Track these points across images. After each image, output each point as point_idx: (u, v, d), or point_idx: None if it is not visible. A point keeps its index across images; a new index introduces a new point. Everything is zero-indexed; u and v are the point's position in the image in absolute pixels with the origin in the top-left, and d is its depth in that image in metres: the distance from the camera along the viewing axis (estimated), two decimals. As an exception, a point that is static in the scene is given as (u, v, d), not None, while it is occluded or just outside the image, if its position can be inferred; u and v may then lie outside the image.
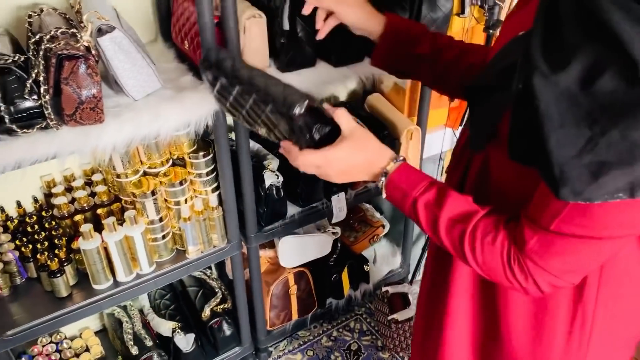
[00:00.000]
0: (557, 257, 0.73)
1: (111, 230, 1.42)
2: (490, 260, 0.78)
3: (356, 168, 0.88)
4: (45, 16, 1.23)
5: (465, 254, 0.80)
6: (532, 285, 0.76)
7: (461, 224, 0.80)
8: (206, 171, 1.53)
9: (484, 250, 0.78)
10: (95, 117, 1.17)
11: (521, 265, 0.76)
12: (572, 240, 0.70)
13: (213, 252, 1.62)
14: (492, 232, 0.78)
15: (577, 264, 0.74)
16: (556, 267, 0.74)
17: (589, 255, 0.73)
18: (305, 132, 0.86)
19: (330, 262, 1.98)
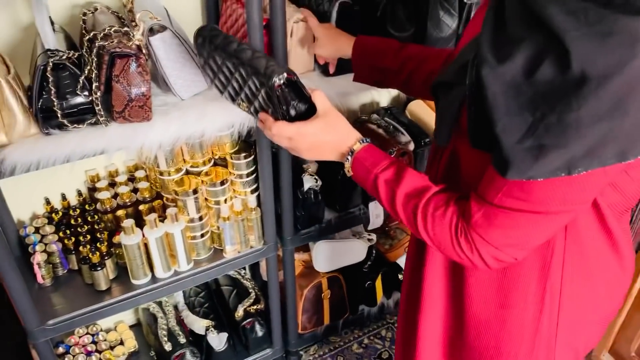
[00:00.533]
0: (499, 230, 0.76)
1: (152, 226, 1.44)
2: (439, 232, 0.83)
3: (325, 145, 0.94)
4: (99, 14, 1.26)
5: (418, 227, 0.85)
6: (477, 257, 0.80)
7: (415, 199, 0.85)
8: (246, 172, 1.54)
9: (435, 223, 0.83)
10: (144, 115, 1.19)
11: (467, 238, 0.79)
12: (513, 214, 0.74)
13: (250, 253, 1.62)
14: (443, 206, 0.82)
15: (518, 238, 0.77)
16: (499, 240, 0.77)
17: (528, 229, 0.76)
18: (282, 104, 0.91)
19: (365, 268, 1.97)
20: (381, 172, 0.89)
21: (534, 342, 0.93)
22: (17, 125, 1.13)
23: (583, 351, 1.01)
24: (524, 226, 0.75)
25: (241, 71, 0.94)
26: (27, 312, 1.33)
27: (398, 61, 1.17)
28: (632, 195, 0.82)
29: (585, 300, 0.92)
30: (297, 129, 0.92)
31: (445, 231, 0.82)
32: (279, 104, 0.91)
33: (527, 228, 0.75)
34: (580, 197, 0.71)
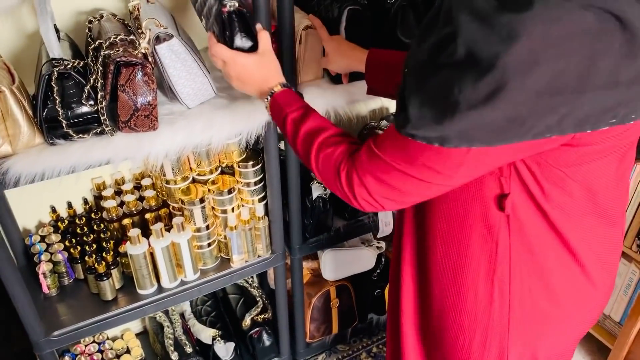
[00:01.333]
0: (374, 177, 0.82)
1: (158, 236, 1.42)
2: (325, 166, 0.90)
3: (252, 79, 1.06)
4: (104, 22, 1.24)
5: (311, 162, 0.93)
6: (351, 196, 0.86)
7: (313, 136, 0.93)
8: (254, 180, 1.51)
9: (324, 159, 0.90)
10: (149, 124, 1.17)
11: (347, 175, 0.86)
12: (388, 167, 0.79)
13: (257, 262, 1.60)
14: (334, 145, 0.90)
15: (389, 191, 0.82)
16: (372, 185, 0.83)
17: (399, 185, 0.80)
18: (227, 29, 1.04)
19: (374, 276, 1.94)
20: (291, 112, 0.98)
21: (486, 333, 0.95)
22: (22, 135, 1.11)
23: (544, 357, 0.99)
24: (396, 181, 0.80)
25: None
26: (33, 324, 1.31)
27: None
28: (580, 199, 0.84)
29: (540, 303, 0.93)
30: (232, 55, 1.05)
31: (330, 166, 0.89)
32: (223, 29, 1.04)
33: (398, 184, 0.80)
34: (452, 172, 0.76)
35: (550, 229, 0.87)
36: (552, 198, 0.83)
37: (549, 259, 0.91)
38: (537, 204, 0.84)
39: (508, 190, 0.83)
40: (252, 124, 1.29)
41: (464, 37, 0.64)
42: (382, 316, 2.04)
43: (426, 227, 0.99)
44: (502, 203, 0.85)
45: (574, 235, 0.87)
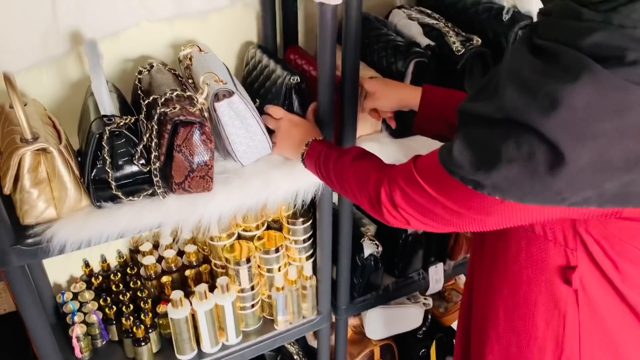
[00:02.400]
0: (403, 191, 0.83)
1: (202, 298, 1.32)
2: (357, 174, 0.93)
3: (297, 135, 1.12)
4: (155, 73, 1.16)
5: (344, 172, 0.96)
6: (377, 205, 0.88)
7: (348, 152, 0.98)
8: (303, 237, 1.41)
9: (356, 167, 0.94)
10: (204, 185, 1.08)
11: (376, 183, 0.88)
12: (420, 187, 0.80)
13: (302, 324, 1.49)
14: (369, 158, 0.97)
15: (415, 207, 0.82)
16: (399, 198, 0.83)
17: (426, 204, 0.80)
18: (286, 100, 1.20)
19: (419, 334, 1.83)
20: (329, 150, 1.04)
21: None
22: (68, 198, 1.01)
23: None
24: (425, 202, 0.80)
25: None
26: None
27: None
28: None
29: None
30: (286, 113, 1.17)
31: (361, 173, 0.92)
32: (283, 98, 1.20)
33: (427, 204, 0.80)
34: (482, 215, 0.75)
35: (627, 309, 0.81)
36: (628, 276, 0.77)
37: (627, 342, 0.84)
38: (610, 281, 0.79)
39: (575, 263, 0.79)
40: (309, 182, 1.20)
41: (508, 100, 0.66)
42: (425, 376, 1.91)
43: (489, 298, 0.95)
44: (568, 276, 0.81)
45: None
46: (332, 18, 1.04)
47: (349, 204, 1.35)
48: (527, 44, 0.71)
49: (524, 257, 0.85)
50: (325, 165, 1.02)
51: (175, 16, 1.25)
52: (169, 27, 1.28)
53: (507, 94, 0.67)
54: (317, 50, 1.09)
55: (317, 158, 1.05)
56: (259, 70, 1.28)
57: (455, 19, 1.36)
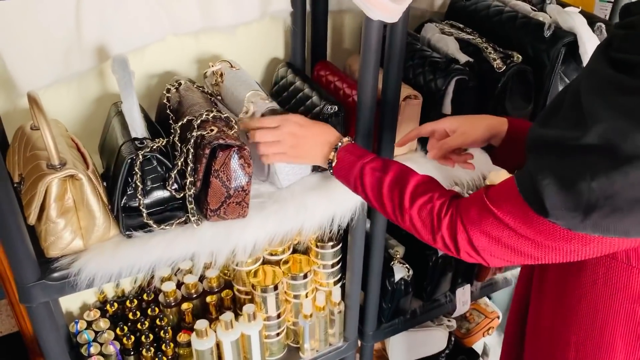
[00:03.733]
0: (483, 232, 0.76)
1: (227, 327, 1.24)
2: (421, 217, 0.84)
3: (310, 137, 0.99)
4: (184, 91, 1.09)
5: (404, 213, 0.86)
6: (454, 249, 0.81)
7: (402, 185, 0.87)
8: (332, 262, 1.35)
9: (419, 209, 0.84)
10: (240, 212, 1.01)
11: (451, 228, 0.80)
12: (501, 225, 0.74)
13: (329, 352, 1.42)
14: (428, 193, 0.84)
15: (503, 253, 0.77)
16: (479, 240, 0.77)
17: (510, 243, 0.75)
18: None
19: (442, 357, 1.77)
20: (368, 162, 0.92)
21: None
22: (96, 228, 0.94)
23: None
24: (508, 240, 0.75)
25: None
26: None
27: None
28: None
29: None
30: (283, 116, 1.01)
31: (426, 216, 0.83)
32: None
33: (510, 242, 0.75)
34: (575, 251, 0.71)
35: None
36: None
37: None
38: None
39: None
40: (346, 206, 1.14)
41: (601, 126, 0.62)
42: (447, 400, 1.85)
43: (556, 328, 0.89)
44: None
45: None
46: (377, 36, 0.98)
47: (382, 228, 1.28)
48: (604, 59, 0.66)
49: (601, 284, 0.80)
50: (373, 186, 0.91)
51: (201, 30, 1.18)
52: (194, 42, 1.21)
53: (600, 116, 0.62)
54: (359, 69, 1.03)
55: (349, 170, 0.94)
56: (290, 92, 1.21)
57: (490, 34, 1.31)
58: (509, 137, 1.01)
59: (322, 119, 1.10)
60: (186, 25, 1.16)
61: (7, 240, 0.85)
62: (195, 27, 1.16)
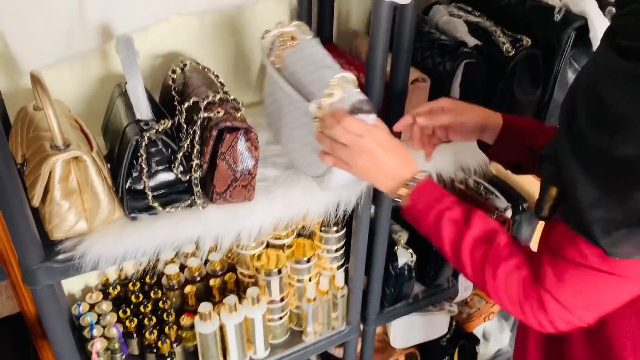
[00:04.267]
0: (571, 289, 0.72)
1: (231, 310, 1.24)
2: (509, 286, 0.78)
3: (388, 161, 0.88)
4: (190, 73, 1.07)
5: (485, 277, 0.80)
6: (544, 318, 0.75)
7: (486, 245, 0.80)
8: (337, 247, 1.34)
9: (507, 276, 0.78)
10: (246, 195, 1.00)
11: (536, 297, 0.75)
12: (587, 272, 0.70)
13: (331, 336, 1.42)
14: (516, 257, 0.78)
15: (592, 298, 0.73)
16: (570, 299, 0.73)
17: (604, 289, 0.71)
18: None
19: (442, 342, 1.77)
20: (446, 209, 0.83)
21: None
22: (101, 210, 0.93)
23: None
24: (599, 286, 0.71)
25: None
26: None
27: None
28: None
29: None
30: (371, 128, 0.88)
31: (514, 286, 0.77)
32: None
33: (603, 288, 0.71)
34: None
35: None
36: None
37: None
38: None
39: None
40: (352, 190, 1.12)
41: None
42: (447, 383, 1.86)
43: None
44: None
45: None
46: (388, 18, 0.96)
47: (387, 213, 1.27)
48: (612, 49, 0.65)
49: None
50: (451, 238, 0.84)
51: (206, 10, 1.16)
52: (199, 22, 1.19)
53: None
54: (367, 52, 1.01)
55: (422, 216, 0.86)
56: None
57: (498, 17, 1.28)
58: (504, 133, 1.00)
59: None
60: (190, 4, 1.13)
61: (11, 222, 0.84)
62: (200, 6, 1.14)
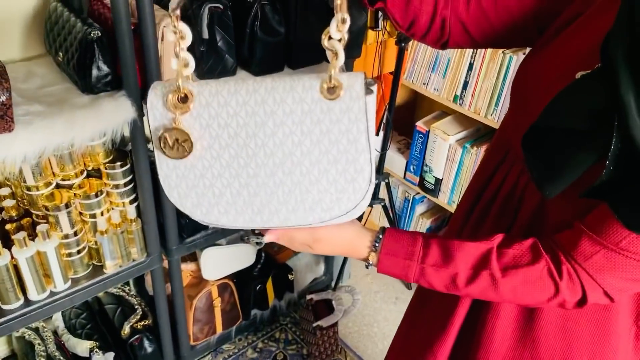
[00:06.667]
0: (618, 275, 0.71)
1: (22, 245, 1.35)
2: (534, 280, 0.75)
3: (340, 243, 0.82)
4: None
5: (502, 290, 0.77)
6: (579, 297, 0.74)
7: (484, 269, 0.77)
8: (123, 182, 1.49)
9: (526, 274, 0.75)
10: (4, 126, 1.12)
11: (572, 277, 0.73)
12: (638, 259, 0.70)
13: (132, 267, 1.57)
14: (526, 254, 0.76)
15: (636, 284, 0.73)
16: (613, 284, 0.72)
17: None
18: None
19: (254, 272, 1.98)
20: (424, 260, 0.79)
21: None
22: None
23: None
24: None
25: None
26: None
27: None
28: None
29: None
30: (311, 234, 0.81)
31: (542, 277, 0.74)
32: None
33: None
34: None
35: None
36: None
37: None
38: None
39: None
40: (116, 122, 1.27)
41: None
42: (265, 311, 2.08)
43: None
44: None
45: None
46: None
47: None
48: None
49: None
50: (441, 288, 0.81)
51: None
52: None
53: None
54: (108, -6, 1.17)
55: (401, 274, 0.81)
56: (60, 25, 1.32)
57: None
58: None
59: (87, 44, 1.23)
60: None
61: None
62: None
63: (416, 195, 2.42)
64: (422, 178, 2.28)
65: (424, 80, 2.14)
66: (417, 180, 2.31)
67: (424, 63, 2.13)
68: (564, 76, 0.74)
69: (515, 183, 0.87)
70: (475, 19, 0.88)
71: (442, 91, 2.09)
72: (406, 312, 1.21)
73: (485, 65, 1.93)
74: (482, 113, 1.98)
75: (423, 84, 2.15)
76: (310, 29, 1.49)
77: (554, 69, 0.78)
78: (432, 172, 2.22)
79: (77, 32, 1.26)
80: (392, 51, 2.03)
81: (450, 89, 2.06)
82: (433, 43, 0.94)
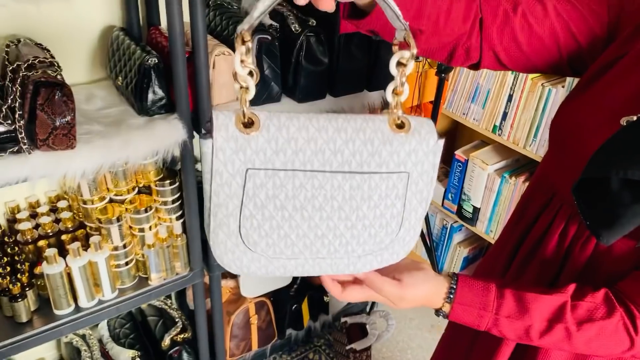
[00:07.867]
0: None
1: (75, 255, 1.44)
2: (611, 334, 0.76)
3: (418, 297, 0.81)
4: (22, 47, 1.29)
5: (577, 343, 0.77)
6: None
7: (559, 322, 0.77)
8: (172, 199, 1.58)
9: (602, 328, 0.75)
10: (67, 143, 1.22)
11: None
12: None
13: (175, 280, 1.65)
14: (601, 307, 0.76)
15: None
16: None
17: None
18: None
19: (291, 292, 2.03)
20: (498, 311, 0.79)
21: None
22: None
23: None
24: None
25: None
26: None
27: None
28: None
29: None
30: (400, 293, 0.79)
31: (617, 331, 0.75)
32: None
33: None
34: None
35: None
36: None
37: None
38: None
39: None
40: (168, 142, 1.37)
41: None
42: (299, 331, 2.12)
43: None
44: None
45: None
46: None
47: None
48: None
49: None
50: (515, 339, 0.82)
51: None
52: (36, 9, 1.41)
53: None
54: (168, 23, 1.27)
55: (474, 323, 0.81)
56: (122, 53, 1.44)
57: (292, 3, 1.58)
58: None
59: (144, 70, 1.33)
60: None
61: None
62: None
63: (454, 224, 2.43)
64: (460, 206, 2.30)
65: (464, 110, 2.18)
66: (455, 208, 2.33)
67: (464, 93, 2.17)
68: (608, 122, 0.75)
69: (564, 230, 0.86)
70: (508, 50, 0.88)
71: (481, 121, 2.12)
72: (441, 341, 1.22)
73: (525, 97, 1.96)
74: (521, 144, 2.00)
75: (463, 113, 2.19)
76: (353, 59, 1.56)
77: (597, 114, 0.79)
78: (470, 200, 2.24)
79: (136, 59, 1.37)
80: (433, 81, 2.08)
81: (489, 119, 2.09)
82: (460, 65, 0.94)
